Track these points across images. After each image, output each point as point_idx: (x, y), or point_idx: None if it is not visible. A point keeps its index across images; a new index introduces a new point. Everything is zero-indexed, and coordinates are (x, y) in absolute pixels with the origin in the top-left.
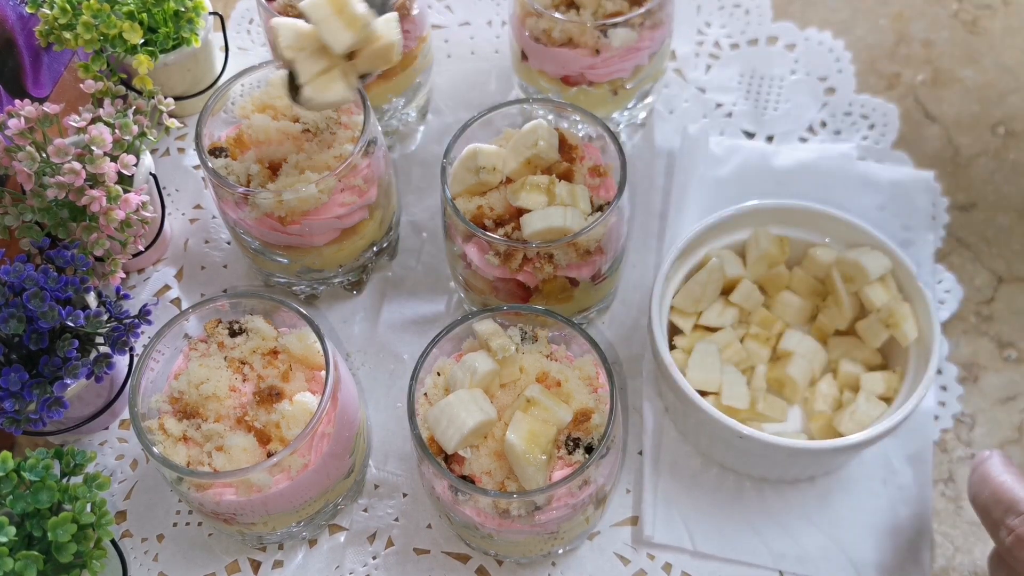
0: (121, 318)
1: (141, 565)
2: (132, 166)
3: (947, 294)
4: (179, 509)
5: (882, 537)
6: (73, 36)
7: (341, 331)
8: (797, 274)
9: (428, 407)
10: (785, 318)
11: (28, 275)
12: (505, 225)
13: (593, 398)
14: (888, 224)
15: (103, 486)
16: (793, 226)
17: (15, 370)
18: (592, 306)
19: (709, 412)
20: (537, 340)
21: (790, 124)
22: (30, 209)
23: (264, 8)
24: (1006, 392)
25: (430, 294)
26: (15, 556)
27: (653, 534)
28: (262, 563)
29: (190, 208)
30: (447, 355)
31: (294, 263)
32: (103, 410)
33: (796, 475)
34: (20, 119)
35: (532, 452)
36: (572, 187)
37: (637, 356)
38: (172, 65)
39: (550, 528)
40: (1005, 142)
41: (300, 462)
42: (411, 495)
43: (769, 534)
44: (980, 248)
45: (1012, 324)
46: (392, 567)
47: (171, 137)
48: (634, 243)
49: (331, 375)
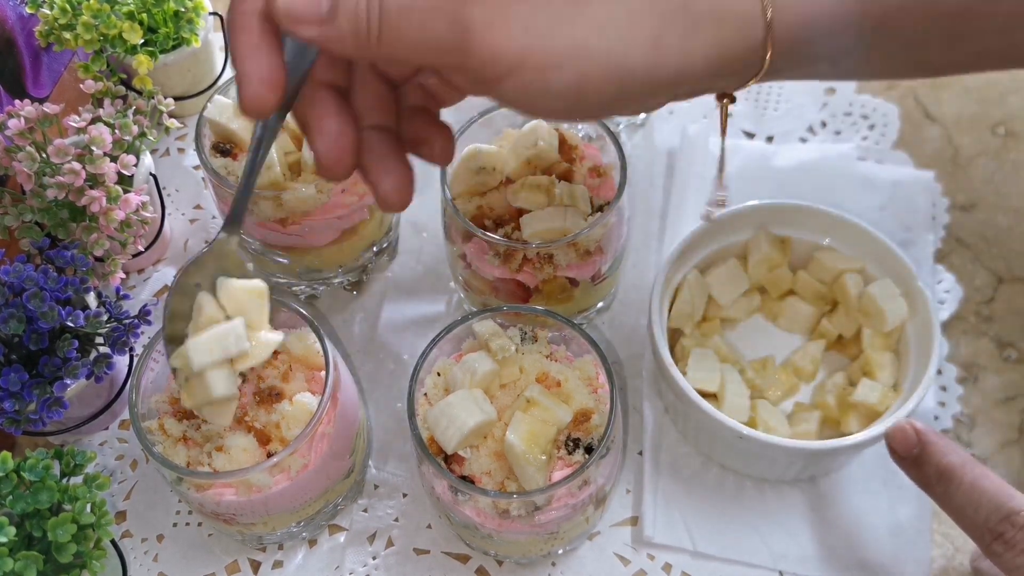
0: (121, 318)
1: (141, 565)
2: (132, 166)
3: (947, 294)
4: (179, 509)
5: (882, 537)
6: (73, 36)
7: (341, 331)
8: (802, 277)
9: (428, 407)
10: (791, 328)
11: (28, 275)
12: (505, 225)
13: (593, 398)
14: (888, 224)
15: (103, 486)
16: (794, 226)
17: (15, 370)
18: (592, 306)
19: (709, 412)
20: (537, 340)
21: (790, 124)
22: (30, 209)
23: None
24: (1006, 392)
25: (430, 294)
26: (15, 556)
27: (653, 534)
28: (262, 563)
29: (190, 208)
30: (447, 355)
31: (294, 263)
32: (103, 410)
33: (796, 475)
34: (20, 119)
35: (532, 452)
36: (572, 187)
37: (637, 356)
38: (172, 65)
39: (550, 528)
40: (1005, 142)
41: (300, 462)
42: (411, 495)
43: (769, 534)
44: (980, 248)
45: (1012, 324)
46: (392, 567)
47: (171, 137)
48: (634, 243)
49: (331, 375)
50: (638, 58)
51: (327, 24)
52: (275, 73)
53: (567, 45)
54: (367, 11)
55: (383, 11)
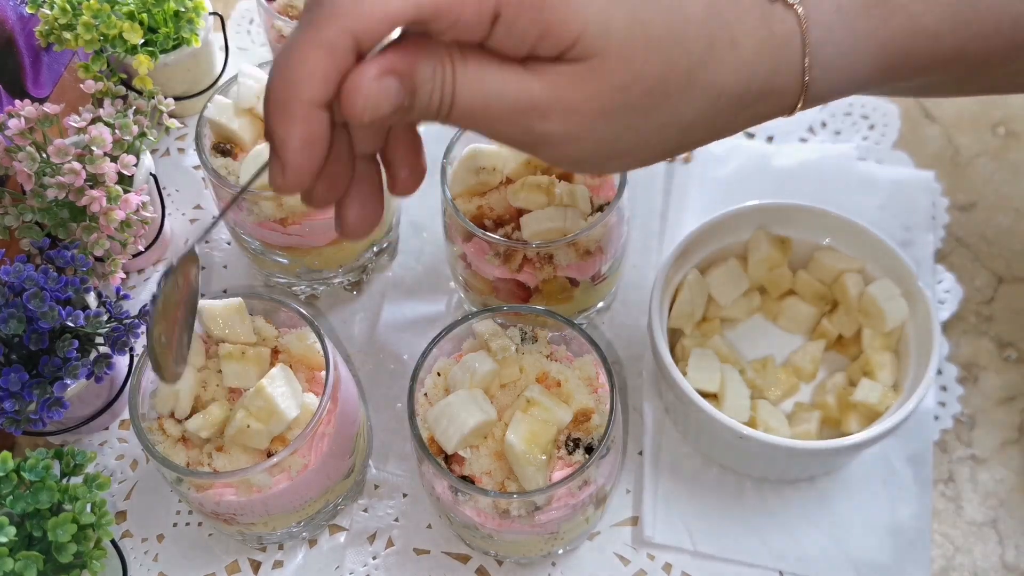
0: (121, 318)
1: (141, 565)
2: (132, 166)
3: (947, 294)
4: (179, 509)
5: (882, 537)
6: (73, 36)
7: (341, 331)
8: (802, 277)
9: (428, 407)
10: (791, 328)
11: (28, 275)
12: (505, 225)
13: (593, 398)
14: (888, 224)
15: (103, 486)
16: (794, 226)
17: (15, 370)
18: (592, 306)
19: (709, 412)
20: (537, 340)
21: (790, 124)
22: (30, 209)
23: (264, 8)
24: (1006, 392)
25: (430, 294)
26: (15, 556)
27: (653, 534)
28: (262, 563)
29: (190, 208)
30: (447, 355)
31: (294, 263)
32: (103, 410)
33: (796, 475)
34: (20, 119)
35: (532, 452)
36: (572, 187)
37: (637, 356)
38: (172, 65)
39: (550, 528)
40: (1005, 142)
41: (300, 462)
42: (411, 495)
43: (769, 534)
44: (980, 248)
45: (1012, 324)
46: (392, 567)
47: (171, 137)
48: (634, 243)
49: (331, 375)
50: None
51: (398, 114)
52: (320, 164)
53: (632, 148)
54: (440, 103)
55: (455, 106)
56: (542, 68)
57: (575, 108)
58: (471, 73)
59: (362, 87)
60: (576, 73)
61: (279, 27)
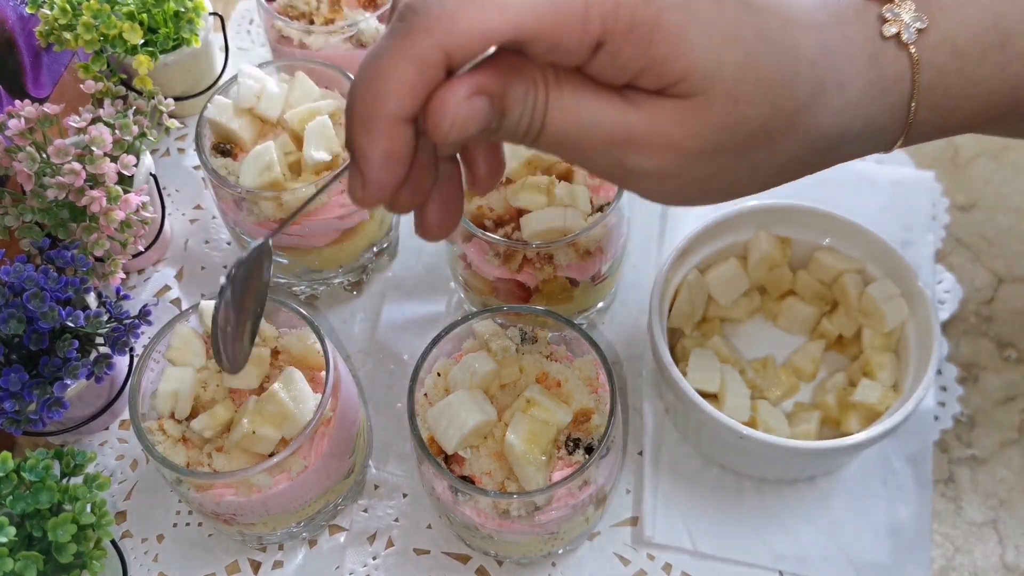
0: (121, 318)
1: (141, 565)
2: (132, 166)
3: (947, 294)
4: (179, 509)
5: (882, 537)
6: (73, 36)
7: (341, 331)
8: (802, 277)
9: (428, 407)
10: (791, 328)
11: (28, 275)
12: (505, 225)
13: (593, 398)
14: (888, 224)
15: (103, 486)
16: (794, 226)
17: (15, 370)
18: (592, 306)
19: (709, 412)
20: (537, 340)
21: None
22: (30, 209)
23: (264, 8)
24: (1006, 392)
25: (430, 294)
26: (15, 556)
27: (653, 534)
28: (262, 563)
29: (190, 208)
30: (447, 355)
31: (294, 263)
32: (103, 410)
33: (796, 475)
34: (20, 119)
35: (532, 452)
36: (572, 187)
37: (637, 356)
38: (172, 65)
39: (550, 528)
40: (1005, 142)
41: (300, 463)
42: (411, 495)
43: (769, 534)
44: (980, 248)
45: (1012, 324)
46: (392, 567)
47: (171, 137)
48: (634, 243)
49: (331, 375)
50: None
51: (483, 135)
52: (401, 179)
53: (724, 186)
54: (529, 126)
55: (544, 131)
56: (642, 100)
57: (673, 145)
58: (566, 99)
59: (450, 106)
60: (679, 109)
61: (279, 27)
